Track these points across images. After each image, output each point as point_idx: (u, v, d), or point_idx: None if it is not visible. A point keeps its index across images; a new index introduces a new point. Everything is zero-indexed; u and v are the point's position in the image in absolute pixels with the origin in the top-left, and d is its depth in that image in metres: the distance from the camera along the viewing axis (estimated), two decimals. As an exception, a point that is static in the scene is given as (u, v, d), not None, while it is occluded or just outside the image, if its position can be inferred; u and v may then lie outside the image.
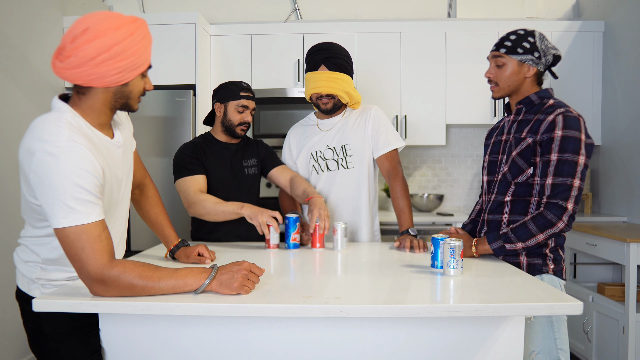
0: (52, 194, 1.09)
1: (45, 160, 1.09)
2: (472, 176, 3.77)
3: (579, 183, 1.50)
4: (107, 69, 1.15)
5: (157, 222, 1.63)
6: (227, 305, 1.13)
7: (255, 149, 2.17)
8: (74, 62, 1.13)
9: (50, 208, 1.10)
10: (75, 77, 1.16)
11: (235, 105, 2.02)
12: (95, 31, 1.12)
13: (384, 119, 2.09)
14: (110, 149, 1.27)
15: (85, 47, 1.12)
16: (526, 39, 1.60)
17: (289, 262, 1.66)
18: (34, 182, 1.12)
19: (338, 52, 1.99)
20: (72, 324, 1.29)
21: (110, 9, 3.68)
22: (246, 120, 2.04)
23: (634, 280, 2.47)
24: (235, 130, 2.04)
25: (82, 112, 1.21)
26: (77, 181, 1.10)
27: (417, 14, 3.69)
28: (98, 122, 1.24)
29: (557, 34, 3.35)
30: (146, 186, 1.63)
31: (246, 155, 2.13)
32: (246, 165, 2.12)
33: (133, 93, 1.25)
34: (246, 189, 2.10)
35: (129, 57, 1.17)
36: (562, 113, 1.53)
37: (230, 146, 2.10)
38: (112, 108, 1.25)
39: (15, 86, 2.64)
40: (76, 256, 1.11)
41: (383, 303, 1.14)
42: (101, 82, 1.17)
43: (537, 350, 1.55)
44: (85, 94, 1.21)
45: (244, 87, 2.04)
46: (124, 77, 1.19)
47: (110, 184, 1.27)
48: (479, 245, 1.63)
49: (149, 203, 1.63)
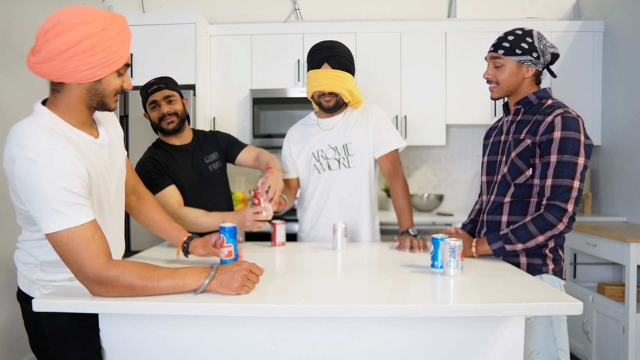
0: (38, 200, 1.07)
1: (26, 167, 1.07)
2: (472, 176, 3.77)
3: (578, 184, 1.50)
4: (76, 63, 1.11)
5: (162, 221, 1.61)
6: (227, 305, 1.13)
7: (214, 142, 2.12)
8: (44, 56, 1.10)
9: (38, 214, 1.09)
10: (45, 71, 1.12)
11: (148, 107, 1.97)
12: (65, 24, 1.09)
13: (385, 119, 2.09)
14: (93, 148, 1.25)
15: (54, 41, 1.09)
16: (524, 40, 1.59)
17: (289, 262, 1.65)
18: (19, 189, 1.10)
19: (341, 50, 1.98)
20: (72, 324, 1.29)
21: (110, 9, 3.67)
22: (164, 112, 1.93)
23: (634, 280, 2.46)
24: (162, 127, 1.96)
25: (59, 112, 1.19)
26: (61, 184, 1.08)
27: (417, 14, 3.69)
28: (77, 121, 1.22)
29: (557, 34, 3.35)
30: (141, 191, 1.61)
31: (206, 152, 2.08)
32: (209, 162, 2.07)
33: (107, 91, 1.20)
34: (216, 185, 2.08)
35: (100, 52, 1.13)
36: (561, 114, 1.52)
37: (187, 147, 2.04)
38: (89, 106, 1.21)
39: (15, 86, 2.64)
40: (72, 259, 1.10)
41: (383, 303, 1.14)
42: (72, 77, 1.13)
43: (537, 350, 1.55)
44: (59, 91, 1.18)
45: (150, 83, 1.95)
46: (96, 74, 1.15)
47: (97, 184, 1.25)
48: (478, 246, 1.63)
49: (149, 205, 1.61)
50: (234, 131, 3.40)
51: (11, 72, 2.62)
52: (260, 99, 3.29)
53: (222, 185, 2.12)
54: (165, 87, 1.95)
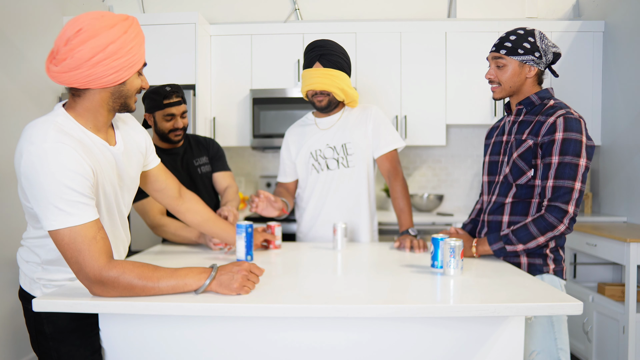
0: (41, 196, 1.08)
1: (32, 162, 1.08)
2: (472, 176, 3.77)
3: (580, 186, 1.50)
4: (103, 68, 1.14)
5: (217, 218, 1.68)
6: (227, 305, 1.13)
7: (205, 148, 2.18)
8: (70, 64, 1.12)
9: (40, 210, 1.09)
10: (72, 79, 1.14)
11: (162, 115, 1.99)
12: (89, 31, 1.11)
13: (384, 118, 2.09)
14: (105, 153, 1.25)
15: (80, 48, 1.10)
16: (526, 39, 1.59)
17: (289, 263, 1.65)
18: (24, 184, 1.11)
19: (333, 48, 1.97)
20: (73, 323, 1.29)
21: (110, 9, 3.67)
22: (177, 127, 2.00)
23: (634, 280, 2.46)
24: (168, 137, 2.01)
25: (77, 115, 1.20)
26: (66, 182, 1.08)
27: (417, 14, 3.69)
28: (94, 124, 1.23)
29: (557, 34, 3.35)
30: (185, 191, 1.63)
31: (196, 155, 2.13)
32: (198, 165, 2.12)
33: (130, 92, 1.23)
34: (205, 187, 2.13)
35: (124, 55, 1.16)
36: (563, 115, 1.52)
37: (177, 150, 2.09)
38: (111, 109, 1.23)
39: (15, 86, 2.64)
40: (73, 258, 1.10)
41: (383, 303, 1.14)
42: (99, 82, 1.16)
43: (537, 350, 1.55)
44: (81, 96, 1.19)
45: (167, 93, 1.98)
46: (121, 76, 1.18)
47: (103, 187, 1.25)
48: (479, 246, 1.63)
49: (201, 204, 1.65)
50: (234, 131, 3.40)
51: (11, 72, 2.62)
52: (260, 99, 3.29)
53: (211, 187, 2.19)
54: (183, 102, 2.03)
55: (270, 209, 1.91)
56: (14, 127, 2.60)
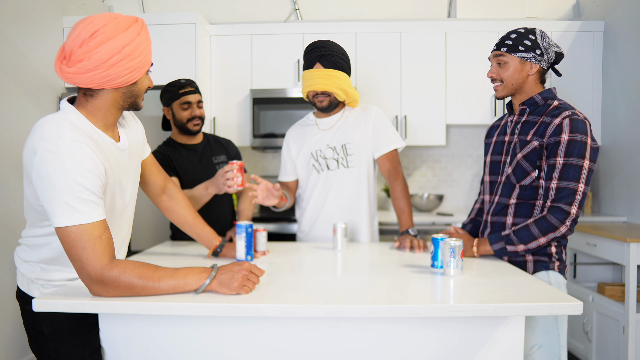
0: (54, 193, 1.09)
1: (47, 159, 1.09)
2: (472, 176, 3.77)
3: (583, 187, 1.50)
4: (119, 69, 1.16)
5: (195, 222, 1.66)
6: (227, 305, 1.13)
7: (224, 147, 2.25)
8: (87, 65, 1.13)
9: (51, 207, 1.10)
10: (88, 80, 1.16)
11: (179, 104, 2.07)
12: (105, 33, 1.13)
13: (384, 118, 2.09)
14: (114, 151, 1.27)
15: (98, 50, 1.12)
16: (527, 37, 1.60)
17: (289, 262, 1.65)
18: (36, 181, 1.12)
19: (333, 49, 1.97)
20: (72, 324, 1.29)
21: (110, 9, 3.67)
22: (195, 115, 2.09)
23: (634, 280, 2.46)
24: (187, 127, 2.09)
25: (87, 113, 1.22)
26: (79, 180, 1.10)
27: (417, 14, 3.69)
28: (104, 122, 1.24)
29: (557, 34, 3.35)
30: (172, 190, 1.63)
31: (215, 152, 2.20)
32: (217, 162, 2.18)
33: (141, 91, 1.26)
34: None
35: (138, 55, 1.18)
36: (569, 116, 1.52)
37: (196, 146, 2.16)
38: (121, 108, 1.26)
39: (15, 86, 2.64)
40: (77, 256, 1.11)
41: (383, 303, 1.14)
42: (113, 83, 1.18)
43: (538, 344, 1.54)
44: (93, 96, 1.21)
45: (183, 84, 2.08)
46: (134, 76, 1.21)
47: (112, 187, 1.26)
48: (480, 246, 1.63)
49: (182, 206, 1.64)
50: (234, 131, 3.40)
51: (11, 72, 2.62)
52: (260, 99, 3.29)
53: None
54: (197, 91, 2.10)
55: (270, 197, 1.93)
56: (14, 127, 2.60)
